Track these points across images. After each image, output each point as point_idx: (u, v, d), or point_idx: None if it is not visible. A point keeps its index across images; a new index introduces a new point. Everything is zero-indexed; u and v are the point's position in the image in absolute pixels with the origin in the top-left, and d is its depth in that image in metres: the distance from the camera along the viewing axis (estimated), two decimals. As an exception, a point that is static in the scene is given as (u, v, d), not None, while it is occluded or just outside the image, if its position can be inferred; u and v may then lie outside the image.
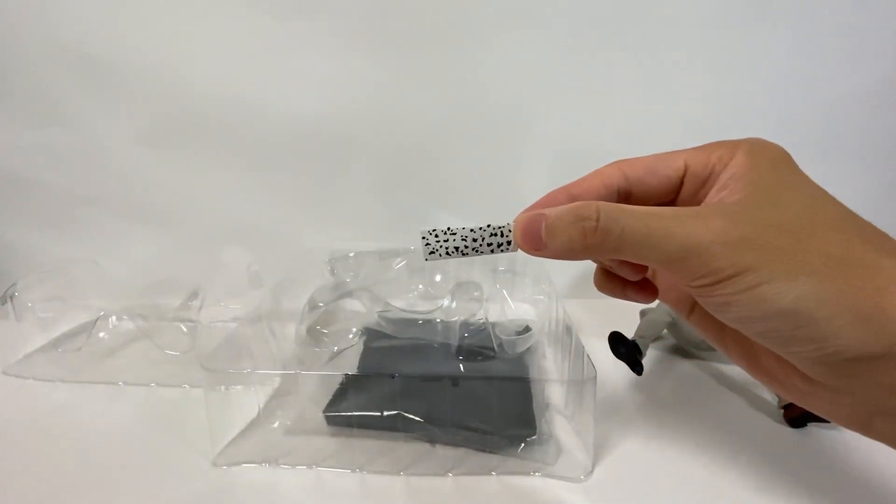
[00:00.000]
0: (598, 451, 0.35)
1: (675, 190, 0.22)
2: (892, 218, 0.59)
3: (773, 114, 0.55)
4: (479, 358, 0.41)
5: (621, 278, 0.24)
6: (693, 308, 0.25)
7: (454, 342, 0.43)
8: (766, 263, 0.17)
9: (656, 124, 0.55)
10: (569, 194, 0.23)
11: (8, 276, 0.58)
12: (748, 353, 0.23)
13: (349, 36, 0.52)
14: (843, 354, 0.17)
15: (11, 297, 0.48)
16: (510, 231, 0.22)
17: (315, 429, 0.37)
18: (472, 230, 0.22)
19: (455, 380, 0.38)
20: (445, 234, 0.22)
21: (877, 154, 0.56)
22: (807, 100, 0.54)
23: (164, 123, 0.56)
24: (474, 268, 0.57)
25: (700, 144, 0.22)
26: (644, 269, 0.24)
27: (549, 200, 0.23)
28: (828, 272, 0.17)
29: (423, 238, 0.22)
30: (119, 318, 0.53)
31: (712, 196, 0.21)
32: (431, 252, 0.22)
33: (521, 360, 0.42)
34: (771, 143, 0.21)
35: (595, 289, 0.25)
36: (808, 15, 0.50)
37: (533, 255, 0.21)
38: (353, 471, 0.35)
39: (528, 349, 0.43)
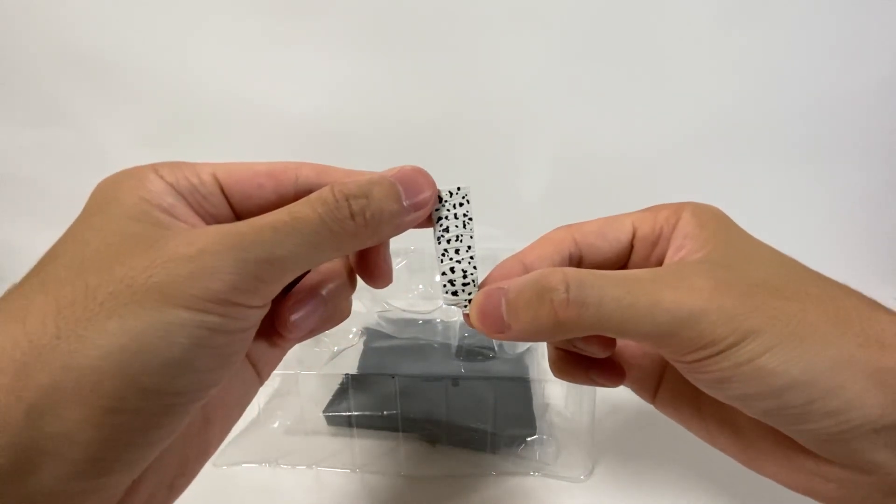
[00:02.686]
0: (598, 451, 0.35)
1: (626, 253, 0.21)
2: (893, 218, 0.60)
3: (774, 114, 0.55)
4: (479, 358, 0.41)
5: (584, 359, 0.21)
6: (658, 388, 0.22)
7: (454, 342, 0.43)
8: (768, 328, 0.15)
9: (656, 124, 0.55)
10: (522, 264, 0.20)
11: (8, 276, 0.58)
12: (737, 435, 0.20)
13: (350, 36, 0.52)
14: (867, 426, 0.15)
15: (11, 297, 0.48)
16: (469, 296, 0.19)
17: (315, 429, 0.37)
18: (469, 247, 0.20)
19: (455, 380, 0.38)
20: (463, 217, 0.20)
21: (877, 154, 0.56)
22: (807, 100, 0.54)
23: (165, 123, 0.56)
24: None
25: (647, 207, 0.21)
26: (613, 343, 0.21)
27: (502, 272, 0.20)
28: (833, 332, 0.15)
29: (451, 191, 0.20)
30: (119, 318, 0.53)
31: (671, 256, 0.19)
32: (437, 208, 0.20)
33: (520, 360, 0.42)
34: (710, 205, 0.20)
35: None
36: (807, 15, 0.50)
37: (497, 339, 0.18)
38: (353, 471, 0.35)
39: (528, 349, 0.43)
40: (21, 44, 0.52)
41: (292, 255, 0.15)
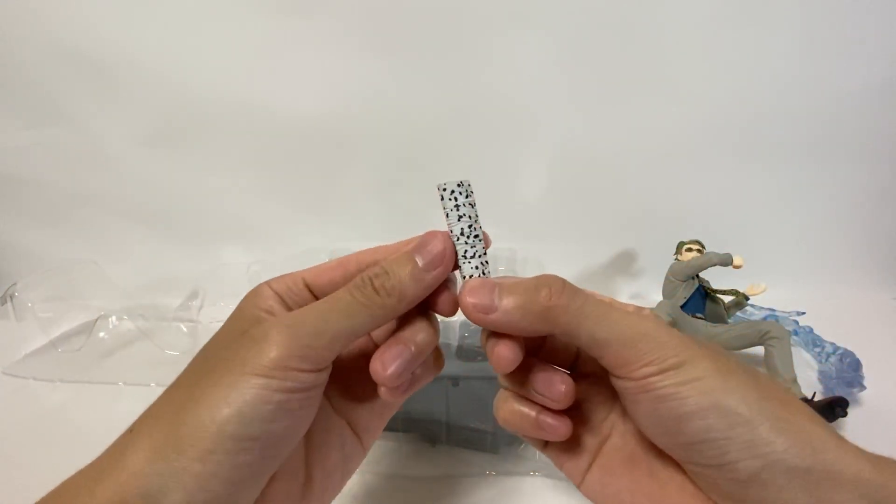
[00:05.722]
0: (598, 451, 0.35)
1: None
2: (893, 218, 0.60)
3: (774, 114, 0.55)
4: (479, 358, 0.41)
5: (535, 404, 0.23)
6: (589, 469, 0.24)
7: (454, 342, 0.43)
8: (700, 361, 0.19)
9: (656, 125, 0.55)
10: None
11: (8, 276, 0.58)
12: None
13: (350, 36, 0.52)
14: (778, 466, 0.17)
15: (11, 297, 0.48)
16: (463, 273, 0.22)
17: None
18: (476, 237, 0.22)
19: (455, 380, 0.38)
20: (464, 214, 0.22)
21: (877, 154, 0.56)
22: (807, 100, 0.54)
23: (164, 123, 0.56)
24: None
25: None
26: (572, 394, 0.22)
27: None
28: (745, 378, 0.18)
29: (452, 188, 0.22)
30: (119, 318, 0.53)
31: None
32: (443, 191, 0.22)
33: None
34: None
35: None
36: (807, 15, 0.50)
37: (478, 320, 0.21)
38: (353, 471, 0.34)
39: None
40: (21, 44, 0.52)
41: (333, 328, 0.20)
